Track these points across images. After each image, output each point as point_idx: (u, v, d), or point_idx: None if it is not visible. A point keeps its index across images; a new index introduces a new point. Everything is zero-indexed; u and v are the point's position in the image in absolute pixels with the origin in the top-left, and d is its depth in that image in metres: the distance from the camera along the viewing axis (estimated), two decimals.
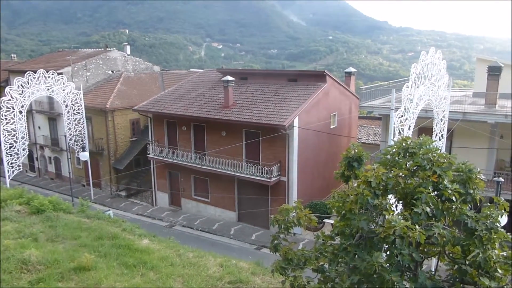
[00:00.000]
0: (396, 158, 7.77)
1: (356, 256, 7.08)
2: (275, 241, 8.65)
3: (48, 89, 29.86)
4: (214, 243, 23.38)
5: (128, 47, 44.99)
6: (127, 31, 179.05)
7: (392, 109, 11.86)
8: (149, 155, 29.32)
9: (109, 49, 41.30)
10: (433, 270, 8.27)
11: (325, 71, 26.61)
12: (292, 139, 23.34)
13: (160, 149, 28.74)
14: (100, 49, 43.38)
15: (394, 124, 10.54)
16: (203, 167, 26.27)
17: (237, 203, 27.05)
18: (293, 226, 8.47)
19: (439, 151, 7.47)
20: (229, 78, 25.75)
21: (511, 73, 23.07)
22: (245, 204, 26.52)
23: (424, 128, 16.73)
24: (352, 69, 31.47)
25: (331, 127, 27.47)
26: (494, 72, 22.49)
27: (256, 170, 24.14)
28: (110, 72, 39.16)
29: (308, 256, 8.21)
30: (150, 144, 29.30)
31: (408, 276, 7.54)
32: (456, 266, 7.58)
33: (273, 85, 26.95)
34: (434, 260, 8.43)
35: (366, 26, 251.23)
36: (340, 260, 7.69)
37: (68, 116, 31.38)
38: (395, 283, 6.56)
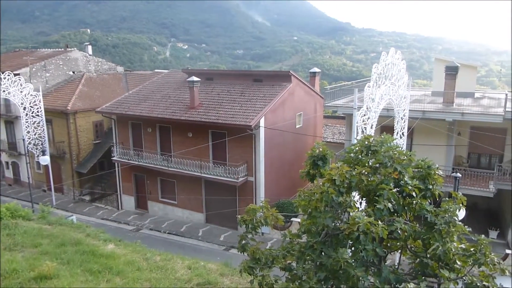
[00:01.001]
0: (359, 156, 7.96)
1: (323, 253, 7.21)
2: (243, 241, 8.66)
3: (4, 91, 28.58)
4: (182, 246, 23.13)
5: (89, 47, 43.70)
6: (88, 30, 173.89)
7: (355, 109, 12.16)
8: (113, 158, 28.64)
9: (69, 49, 40.00)
10: (396, 264, 8.54)
11: (290, 71, 26.90)
12: (259, 139, 23.44)
13: (125, 152, 28.14)
14: (60, 49, 41.93)
15: (357, 123, 10.80)
16: (169, 169, 25.94)
17: (205, 205, 26.88)
18: (260, 226, 8.52)
19: (399, 148, 7.71)
20: (195, 78, 25.56)
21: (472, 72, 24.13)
22: (213, 205, 26.39)
23: (386, 126, 17.25)
24: (316, 69, 31.96)
25: (297, 126, 27.79)
26: (451, 72, 23.46)
27: (223, 171, 24.08)
28: (71, 73, 37.93)
29: (275, 255, 8.27)
30: (115, 147, 28.63)
31: (373, 271, 7.75)
32: (417, 259, 7.86)
33: (239, 85, 26.98)
34: (397, 255, 8.68)
35: (330, 27, 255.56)
36: (307, 257, 7.79)
37: (26, 119, 30.13)
38: (360, 278, 6.72)
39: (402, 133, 15.21)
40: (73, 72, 38.09)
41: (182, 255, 12.99)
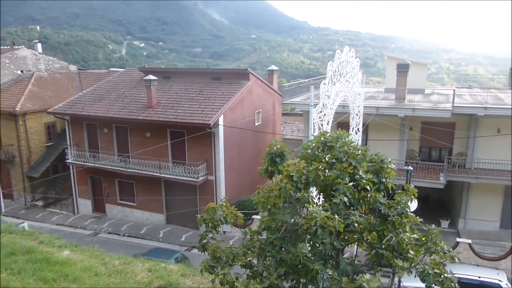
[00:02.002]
0: (316, 152, 8.12)
1: (282, 248, 7.30)
2: (203, 241, 8.63)
3: None
4: (143, 248, 22.65)
5: (39, 45, 41.62)
6: (38, 27, 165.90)
7: (311, 106, 12.38)
8: (68, 161, 27.58)
9: (16, 46, 38.00)
10: (353, 256, 8.80)
11: (248, 69, 26.99)
12: (218, 137, 23.36)
13: (80, 154, 27.17)
14: (6, 47, 39.74)
15: (313, 119, 11.01)
16: (127, 170, 25.33)
17: (165, 205, 26.48)
18: (220, 225, 8.51)
19: (353, 143, 7.94)
20: (152, 77, 25.08)
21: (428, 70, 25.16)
22: (173, 206, 26.04)
23: (342, 122, 17.71)
24: (274, 67, 32.26)
25: (256, 124, 27.95)
26: (403, 69, 24.40)
27: (183, 171, 23.82)
28: (19, 72, 36.07)
29: (236, 253, 8.29)
30: (69, 149, 27.57)
31: (331, 263, 7.95)
32: (373, 250, 8.12)
33: (197, 83, 26.74)
34: (354, 247, 8.93)
35: (287, 26, 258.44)
36: (267, 254, 7.86)
37: None
38: (319, 272, 6.87)
39: (358, 128, 15.65)
40: (22, 71, 36.24)
41: (142, 258, 12.75)
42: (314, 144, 8.22)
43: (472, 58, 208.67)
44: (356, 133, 15.62)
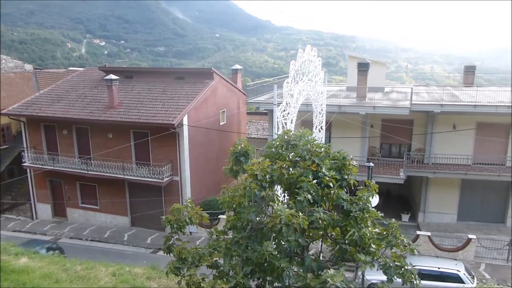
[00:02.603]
0: (280, 150, 8.21)
1: (248, 247, 7.33)
2: (168, 242, 8.54)
3: None
4: (106, 252, 22.10)
5: None
6: None
7: (275, 104, 12.48)
8: (24, 164, 26.43)
9: None
10: (318, 252, 8.95)
11: (212, 69, 26.87)
12: (183, 137, 23.11)
13: (38, 156, 26.11)
14: None
15: (277, 118, 11.11)
16: (89, 172, 24.59)
17: (130, 207, 25.92)
18: (185, 225, 8.44)
19: (316, 142, 8.08)
20: (113, 76, 24.46)
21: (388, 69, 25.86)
22: (138, 208, 25.53)
23: (306, 121, 17.94)
24: (238, 67, 32.28)
25: (221, 123, 27.87)
26: (363, 68, 25.03)
27: (147, 172, 23.40)
28: None
29: (202, 253, 8.26)
30: (26, 152, 26.43)
31: (297, 260, 8.06)
32: (337, 246, 8.32)
33: (160, 83, 26.33)
34: (319, 243, 9.10)
35: (251, 25, 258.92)
36: (233, 253, 7.88)
37: None
38: (285, 269, 6.96)
39: (321, 127, 15.92)
40: None
41: (106, 262, 12.44)
42: (278, 143, 8.31)
43: (429, 57, 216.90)
44: (320, 131, 15.89)
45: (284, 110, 11.46)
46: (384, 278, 7.53)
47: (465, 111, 22.39)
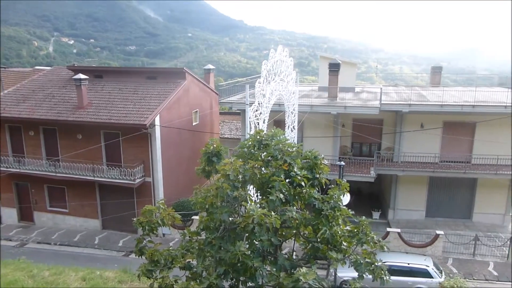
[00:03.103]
0: (252, 150, 8.23)
1: (221, 248, 7.32)
2: (140, 245, 8.41)
3: None
4: (76, 257, 21.53)
5: None
6: None
7: (247, 104, 12.49)
8: None
9: None
10: (291, 251, 9.02)
11: (184, 68, 26.63)
12: (155, 138, 22.81)
13: (2, 159, 25.15)
14: None
15: (249, 118, 11.13)
16: (57, 174, 23.90)
17: (101, 210, 25.35)
18: (157, 227, 8.35)
19: (288, 141, 8.14)
20: (82, 76, 23.87)
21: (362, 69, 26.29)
22: (109, 210, 25.01)
23: (278, 120, 18.06)
24: (210, 66, 32.14)
25: (194, 123, 27.67)
26: (334, 68, 25.38)
27: (119, 173, 22.96)
28: None
29: (175, 255, 8.18)
30: None
31: (270, 260, 8.10)
32: (309, 244, 8.41)
33: (131, 83, 25.89)
34: (292, 242, 9.17)
35: (224, 25, 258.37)
36: (206, 254, 7.85)
37: None
38: (258, 268, 6.98)
39: (293, 126, 16.06)
40: None
41: (75, 267, 12.14)
42: (250, 143, 8.32)
43: (398, 58, 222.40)
44: (292, 131, 16.01)
45: (257, 110, 11.50)
46: (356, 275, 7.67)
47: (432, 110, 23.07)
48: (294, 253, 9.13)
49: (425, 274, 17.39)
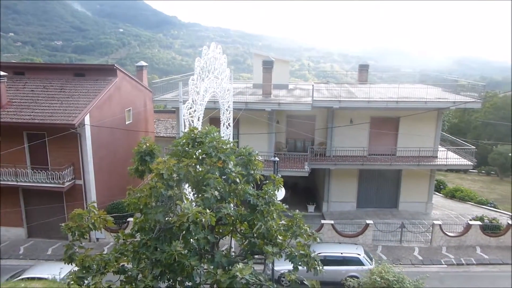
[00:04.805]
0: (186, 148, 8.16)
1: (157, 249, 7.18)
2: (70, 251, 8.01)
3: None
4: None
5: None
6: None
7: (181, 102, 12.33)
8: None
9: None
10: (228, 247, 9.07)
11: (115, 65, 25.62)
12: (85, 138, 21.73)
13: None
14: None
15: (184, 116, 11.00)
16: None
17: (25, 217, 23.67)
18: (88, 231, 7.99)
19: (222, 138, 8.18)
20: (1, 73, 22.10)
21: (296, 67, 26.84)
22: (36, 217, 23.41)
23: (214, 118, 18.03)
24: (143, 63, 31.24)
25: (127, 122, 26.76)
26: (267, 66, 25.79)
27: (46, 177, 21.58)
28: None
29: (108, 259, 7.88)
30: None
31: (207, 258, 8.10)
32: (246, 240, 8.53)
33: (57, 80, 24.41)
34: (229, 239, 9.22)
35: (157, 21, 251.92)
36: (141, 256, 7.65)
37: None
38: (194, 267, 6.94)
39: (229, 123, 16.10)
40: None
41: None
42: (184, 141, 8.24)
43: (329, 56, 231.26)
44: (227, 128, 16.06)
45: (191, 108, 11.39)
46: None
47: (360, 106, 24.26)
48: (232, 249, 9.20)
49: (357, 262, 18.31)
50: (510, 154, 40.08)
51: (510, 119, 45.04)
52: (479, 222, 22.68)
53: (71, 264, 7.89)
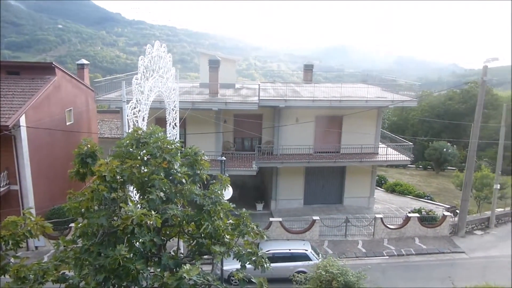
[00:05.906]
0: (130, 149, 7.94)
1: (101, 254, 6.94)
2: (3, 262, 7.54)
3: None
4: None
5: None
6: None
7: (124, 101, 11.98)
8: None
9: None
10: (176, 249, 8.95)
11: (54, 63, 24.38)
12: (21, 140, 20.46)
13: None
14: None
15: (127, 116, 10.69)
16: None
17: None
18: (24, 240, 7.56)
19: (167, 138, 8.05)
20: None
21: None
22: None
23: (160, 118, 17.68)
24: (84, 61, 29.99)
25: (68, 123, 25.55)
26: (214, 65, 25.70)
27: None
28: None
29: (46, 268, 7.51)
30: None
31: (154, 260, 7.93)
32: (194, 241, 8.46)
33: None
34: (177, 240, 9.10)
35: (99, 17, 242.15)
36: (84, 263, 7.36)
37: None
38: (140, 271, 6.78)
39: (175, 123, 15.85)
40: None
41: None
42: (128, 141, 8.02)
43: (275, 56, 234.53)
44: (174, 128, 15.80)
45: (135, 108, 11.09)
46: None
47: (305, 105, 24.85)
48: (180, 251, 9.09)
49: (304, 257, 18.75)
50: (444, 150, 42.88)
51: (444, 117, 48.30)
52: (417, 215, 24.05)
53: (4, 276, 7.45)
